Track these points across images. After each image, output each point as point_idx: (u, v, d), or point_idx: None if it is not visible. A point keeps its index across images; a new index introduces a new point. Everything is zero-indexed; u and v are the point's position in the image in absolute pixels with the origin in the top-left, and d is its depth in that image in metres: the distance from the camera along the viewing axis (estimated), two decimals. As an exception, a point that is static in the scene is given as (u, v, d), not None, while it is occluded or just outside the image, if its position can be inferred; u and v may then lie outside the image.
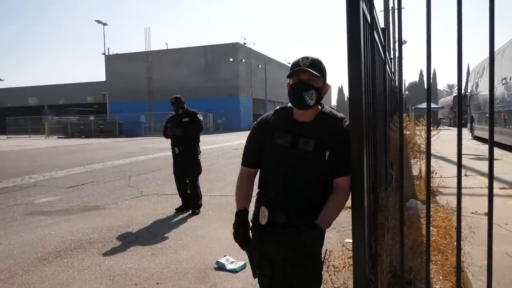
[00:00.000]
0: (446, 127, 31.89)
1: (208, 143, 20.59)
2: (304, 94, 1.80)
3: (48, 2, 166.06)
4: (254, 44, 58.67)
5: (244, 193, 2.04)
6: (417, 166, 7.12)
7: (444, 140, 8.46)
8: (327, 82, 1.92)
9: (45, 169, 11.80)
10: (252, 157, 2.05)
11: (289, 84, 1.88)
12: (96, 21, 45.27)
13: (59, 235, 5.13)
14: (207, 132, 35.71)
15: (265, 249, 1.92)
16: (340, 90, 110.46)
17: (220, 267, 3.89)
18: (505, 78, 12.69)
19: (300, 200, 1.86)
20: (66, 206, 6.84)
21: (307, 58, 1.84)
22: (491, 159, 1.66)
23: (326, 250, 2.13)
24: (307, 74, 1.81)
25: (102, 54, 51.35)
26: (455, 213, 1.76)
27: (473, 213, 4.67)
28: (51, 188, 8.66)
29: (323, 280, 2.04)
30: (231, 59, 46.13)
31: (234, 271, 3.79)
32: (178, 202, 6.46)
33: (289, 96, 1.87)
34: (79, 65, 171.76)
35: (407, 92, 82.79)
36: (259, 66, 51.95)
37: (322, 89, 1.87)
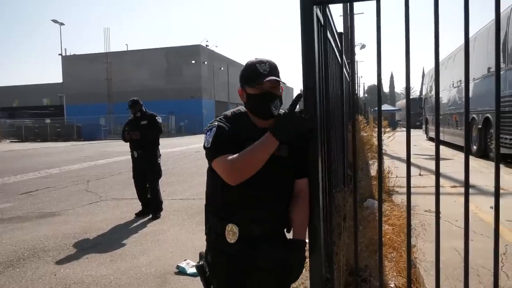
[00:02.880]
0: (403, 129, 32.99)
1: (170, 146, 20.33)
2: (270, 105, 1.70)
3: (1, 0, 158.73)
4: (216, 46, 58.56)
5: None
6: (375, 167, 7.33)
7: (400, 141, 8.71)
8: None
9: (-3, 175, 11.26)
10: (228, 145, 1.68)
11: (248, 92, 1.73)
12: (52, 20, 43.63)
13: (11, 243, 4.91)
14: (169, 135, 35.27)
15: (240, 265, 1.81)
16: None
17: (181, 272, 3.85)
18: (459, 81, 13.29)
19: (275, 208, 1.79)
20: (19, 213, 6.55)
21: (264, 62, 1.70)
22: (437, 157, 1.74)
23: None
24: (271, 83, 1.69)
25: (59, 54, 49.73)
26: (406, 211, 1.83)
27: (426, 211, 4.87)
28: (3, 195, 8.27)
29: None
30: (193, 61, 45.77)
31: (195, 275, 3.75)
32: (138, 206, 6.34)
33: (252, 106, 1.74)
34: (34, 66, 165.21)
35: (366, 95, 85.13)
36: (222, 68, 51.85)
37: (282, 94, 1.79)
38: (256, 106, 1.72)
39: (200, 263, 1.90)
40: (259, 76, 1.68)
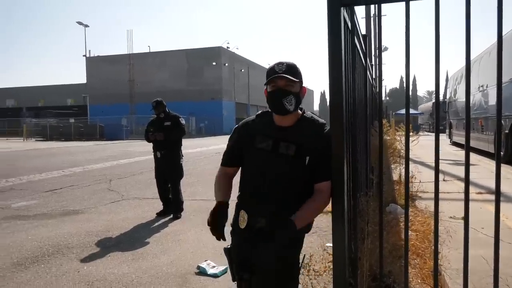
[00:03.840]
0: (426, 133, 32.43)
1: (191, 147, 20.48)
2: (283, 101, 1.82)
3: (28, 3, 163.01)
4: (237, 48, 58.92)
5: (222, 189, 2.05)
6: (397, 171, 7.22)
7: (423, 145, 8.63)
8: (303, 85, 1.93)
9: (23, 173, 11.53)
10: (230, 157, 2.09)
11: (267, 91, 1.89)
12: (77, 22, 44.63)
13: (36, 240, 5.02)
14: (189, 136, 35.50)
15: (246, 253, 1.92)
16: (323, 95, 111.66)
17: (201, 272, 3.87)
18: (482, 85, 12.99)
19: (280, 204, 1.87)
20: (44, 211, 6.70)
21: (282, 63, 1.85)
22: (467, 164, 1.70)
23: (304, 255, 2.13)
24: (284, 81, 1.82)
25: (83, 56, 50.72)
26: (434, 217, 1.80)
27: (451, 217, 4.76)
28: (29, 192, 8.47)
29: (301, 283, 2.05)
30: (214, 63, 46.11)
31: (215, 275, 3.77)
32: (159, 206, 6.40)
33: (268, 103, 1.89)
34: (59, 66, 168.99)
35: (388, 98, 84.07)
36: (242, 70, 52.04)
37: (300, 93, 1.90)
38: (271, 102, 1.87)
39: (228, 246, 2.05)
40: (274, 75, 1.83)
